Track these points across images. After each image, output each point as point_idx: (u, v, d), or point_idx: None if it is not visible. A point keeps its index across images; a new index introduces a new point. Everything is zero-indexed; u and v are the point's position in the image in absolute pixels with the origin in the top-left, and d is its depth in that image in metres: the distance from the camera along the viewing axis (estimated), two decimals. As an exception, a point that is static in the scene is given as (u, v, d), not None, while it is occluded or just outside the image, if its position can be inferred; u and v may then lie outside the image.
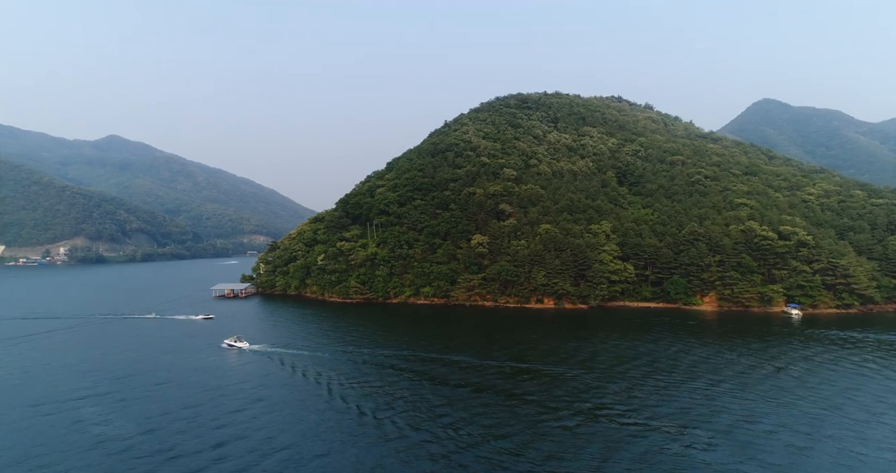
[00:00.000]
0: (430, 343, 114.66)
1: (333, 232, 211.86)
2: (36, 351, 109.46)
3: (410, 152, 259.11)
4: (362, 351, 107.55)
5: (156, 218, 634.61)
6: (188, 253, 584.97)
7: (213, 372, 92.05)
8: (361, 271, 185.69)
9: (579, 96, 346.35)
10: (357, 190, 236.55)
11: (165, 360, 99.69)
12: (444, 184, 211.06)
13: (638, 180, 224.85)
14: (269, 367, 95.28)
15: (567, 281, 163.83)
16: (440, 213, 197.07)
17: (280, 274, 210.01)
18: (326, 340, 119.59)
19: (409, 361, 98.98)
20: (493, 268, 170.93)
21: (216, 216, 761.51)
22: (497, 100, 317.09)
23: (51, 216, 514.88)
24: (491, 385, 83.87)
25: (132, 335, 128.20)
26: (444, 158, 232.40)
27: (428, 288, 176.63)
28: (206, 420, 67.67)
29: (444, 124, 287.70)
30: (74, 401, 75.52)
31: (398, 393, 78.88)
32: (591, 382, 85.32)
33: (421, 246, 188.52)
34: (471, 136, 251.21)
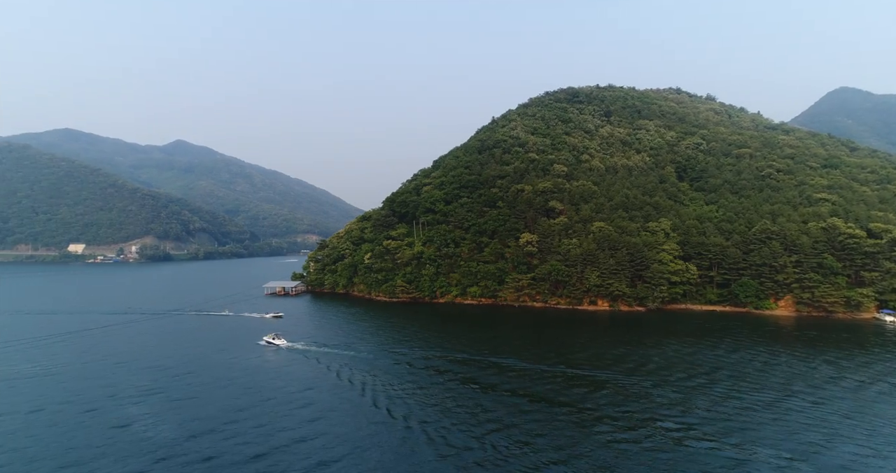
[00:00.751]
0: (478, 345, 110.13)
1: (380, 230, 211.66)
2: (100, 344, 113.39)
3: (457, 150, 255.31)
4: (408, 352, 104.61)
5: (216, 218, 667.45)
6: (246, 252, 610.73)
7: (261, 372, 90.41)
8: (407, 270, 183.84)
9: (634, 88, 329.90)
10: (404, 188, 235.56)
11: (218, 359, 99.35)
12: (492, 181, 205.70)
13: (700, 175, 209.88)
14: (312, 369, 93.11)
15: (623, 282, 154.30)
16: (487, 211, 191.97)
17: (329, 272, 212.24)
18: (372, 340, 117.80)
19: (457, 364, 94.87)
20: (542, 268, 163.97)
21: (272, 216, 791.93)
22: (546, 95, 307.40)
23: (124, 216, 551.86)
24: (547, 394, 77.99)
25: (196, 331, 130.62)
26: (491, 155, 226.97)
27: (475, 287, 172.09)
28: (248, 428, 64.14)
29: (490, 121, 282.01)
30: (124, 399, 75.03)
31: (446, 401, 74.07)
32: (660, 395, 77.68)
33: (467, 244, 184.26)
34: (519, 132, 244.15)
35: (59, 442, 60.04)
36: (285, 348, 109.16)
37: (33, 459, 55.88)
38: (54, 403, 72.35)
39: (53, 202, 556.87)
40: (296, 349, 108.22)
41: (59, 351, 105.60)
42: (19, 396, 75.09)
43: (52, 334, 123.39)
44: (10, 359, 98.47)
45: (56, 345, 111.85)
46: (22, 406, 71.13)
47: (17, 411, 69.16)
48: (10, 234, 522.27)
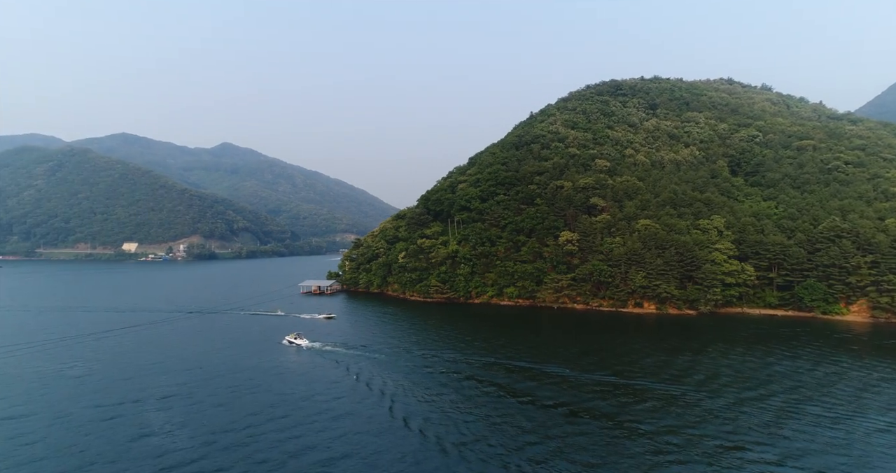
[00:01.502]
0: (515, 349, 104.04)
1: (414, 229, 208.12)
2: (140, 343, 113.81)
3: (493, 146, 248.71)
4: (441, 355, 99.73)
5: (259, 217, 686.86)
6: (287, 251, 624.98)
7: (287, 377, 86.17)
8: (442, 269, 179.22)
9: (682, 80, 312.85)
10: (439, 186, 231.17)
11: (249, 361, 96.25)
12: (529, 177, 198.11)
13: (756, 169, 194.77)
14: (338, 375, 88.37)
15: (671, 284, 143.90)
16: (525, 209, 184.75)
17: (363, 271, 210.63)
18: (404, 343, 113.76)
19: (493, 370, 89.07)
20: (584, 268, 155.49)
21: (312, 216, 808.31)
22: (587, 89, 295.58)
23: (173, 216, 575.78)
24: (590, 406, 71.18)
25: (238, 331, 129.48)
26: (529, 151, 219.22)
27: (512, 288, 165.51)
28: (267, 445, 57.74)
29: (529, 116, 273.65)
30: (148, 404, 72.09)
31: (480, 414, 68.06)
32: (718, 409, 69.57)
33: (504, 243, 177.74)
34: (558, 127, 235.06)
35: (72, 453, 56.19)
36: (306, 348, 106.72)
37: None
38: (81, 407, 70.31)
39: (110, 203, 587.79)
40: (318, 350, 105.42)
41: (101, 349, 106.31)
42: (51, 398, 74.05)
43: (97, 331, 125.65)
44: (56, 357, 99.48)
45: (99, 342, 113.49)
46: (50, 409, 69.44)
47: (44, 413, 67.39)
48: (72, 233, 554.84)
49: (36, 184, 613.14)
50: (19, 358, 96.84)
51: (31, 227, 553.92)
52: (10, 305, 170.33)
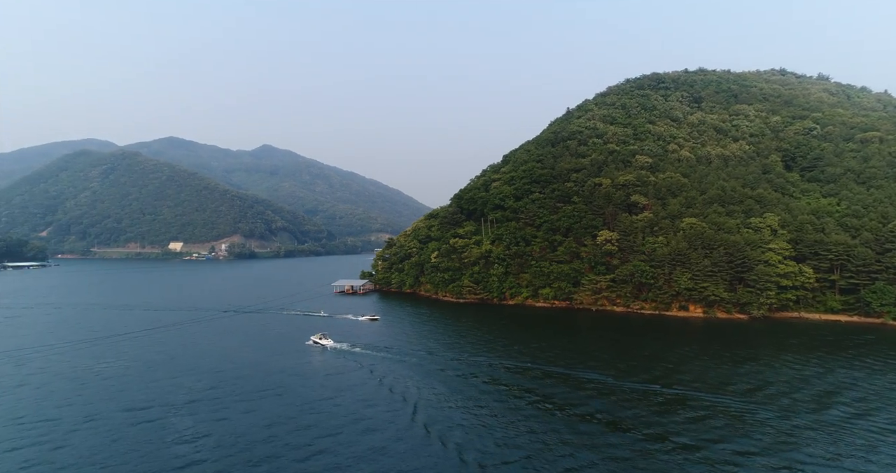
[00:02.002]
0: (552, 353, 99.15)
1: (447, 228, 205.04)
2: (176, 343, 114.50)
3: (528, 143, 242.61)
4: (474, 360, 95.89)
5: (297, 217, 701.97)
6: (323, 250, 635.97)
7: (313, 381, 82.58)
8: (475, 269, 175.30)
9: (729, 71, 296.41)
10: (472, 184, 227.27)
11: (278, 364, 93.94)
12: (566, 174, 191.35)
13: (814, 163, 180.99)
14: (364, 378, 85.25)
15: (720, 286, 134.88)
16: (561, 207, 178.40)
17: (395, 271, 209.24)
18: (434, 344, 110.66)
19: (528, 376, 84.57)
20: (624, 269, 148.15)
21: (347, 215, 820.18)
22: (627, 83, 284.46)
23: (215, 216, 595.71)
24: (631, 416, 66.11)
25: (272, 331, 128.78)
26: (565, 147, 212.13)
27: (548, 289, 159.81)
28: (287, 463, 53.38)
29: (565, 112, 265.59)
30: (175, 408, 69.88)
31: (515, 426, 63.56)
32: (781, 424, 62.84)
33: (539, 243, 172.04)
34: (596, 122, 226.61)
35: (95, 461, 54.28)
36: (330, 349, 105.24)
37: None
38: (111, 409, 69.04)
39: (157, 203, 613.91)
40: (343, 351, 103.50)
41: (139, 348, 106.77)
42: (85, 398, 73.52)
43: (137, 330, 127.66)
44: (96, 355, 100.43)
45: (138, 340, 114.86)
46: (82, 411, 68.37)
47: (75, 416, 66.53)
48: (123, 233, 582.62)
49: (91, 187, 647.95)
50: (64, 355, 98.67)
51: (86, 228, 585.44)
52: (61, 302, 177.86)
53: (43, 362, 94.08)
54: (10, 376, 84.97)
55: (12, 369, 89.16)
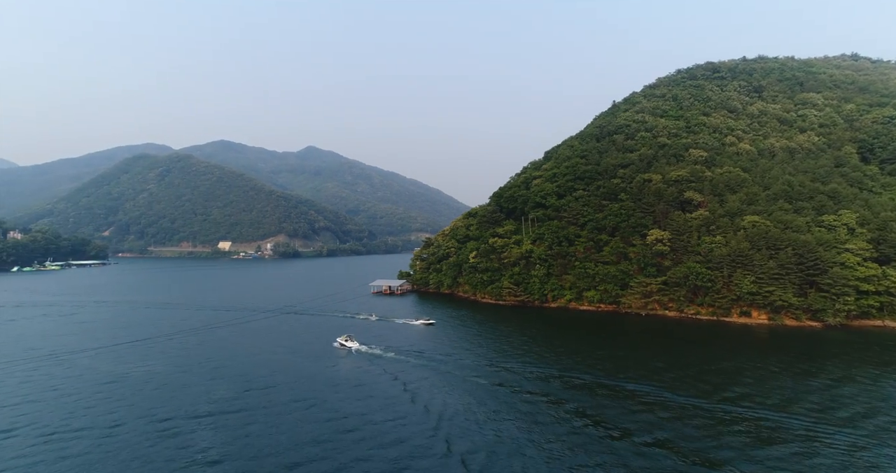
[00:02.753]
0: (599, 362, 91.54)
1: (486, 227, 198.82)
2: (208, 345, 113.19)
3: (571, 139, 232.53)
4: (513, 367, 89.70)
5: (339, 217, 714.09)
6: (364, 250, 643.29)
7: (343, 392, 76.61)
8: (515, 270, 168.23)
9: (793, 58, 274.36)
10: (512, 182, 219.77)
11: (308, 370, 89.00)
12: (612, 170, 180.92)
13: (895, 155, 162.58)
14: (392, 385, 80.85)
15: (788, 290, 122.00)
16: (607, 205, 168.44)
17: (433, 271, 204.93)
18: (471, 349, 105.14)
19: (571, 387, 77.64)
20: (677, 271, 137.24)
21: (388, 215, 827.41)
22: (678, 73, 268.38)
23: (261, 216, 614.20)
24: (687, 436, 58.24)
25: (311, 334, 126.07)
26: (611, 142, 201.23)
27: (592, 291, 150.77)
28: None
29: (611, 105, 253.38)
30: (199, 418, 66.34)
31: (555, 447, 57.20)
32: (865, 455, 53.38)
33: (583, 242, 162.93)
34: (645, 115, 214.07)
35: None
36: (356, 352, 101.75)
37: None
38: (135, 417, 66.24)
39: (208, 204, 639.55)
40: (370, 354, 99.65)
41: (173, 350, 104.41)
42: (110, 405, 70.97)
43: (176, 331, 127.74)
44: (132, 357, 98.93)
45: (173, 342, 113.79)
46: (106, 420, 65.82)
47: (98, 426, 63.95)
48: (177, 233, 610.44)
49: (148, 188, 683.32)
50: (101, 357, 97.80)
51: (143, 227, 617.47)
52: (113, 300, 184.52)
53: (80, 364, 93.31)
54: (48, 378, 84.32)
55: (52, 370, 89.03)
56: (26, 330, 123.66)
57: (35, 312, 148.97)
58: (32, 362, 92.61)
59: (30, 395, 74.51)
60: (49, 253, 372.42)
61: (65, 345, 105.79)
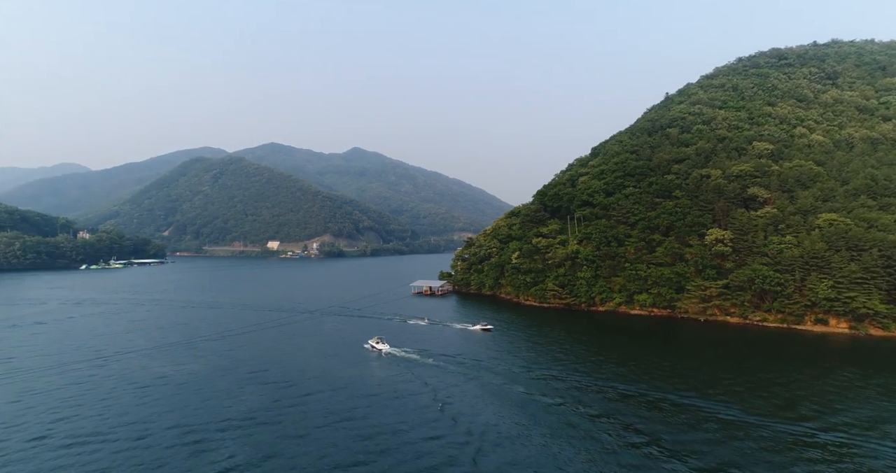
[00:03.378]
0: (658, 374, 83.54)
1: (529, 227, 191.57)
2: (249, 347, 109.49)
3: (621, 134, 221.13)
4: (558, 378, 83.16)
5: (382, 217, 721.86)
6: (407, 249, 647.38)
7: (379, 399, 72.55)
8: (560, 272, 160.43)
9: (873, 41, 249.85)
10: (557, 180, 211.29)
11: (344, 376, 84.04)
12: (665, 166, 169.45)
13: None
14: (423, 395, 75.90)
15: (873, 296, 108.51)
16: (660, 203, 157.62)
17: (475, 271, 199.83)
18: (515, 355, 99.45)
19: (623, 402, 70.53)
20: (741, 273, 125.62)
21: (431, 215, 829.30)
22: (739, 62, 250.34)
23: (308, 217, 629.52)
24: (771, 470, 50.37)
25: (356, 338, 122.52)
26: (664, 136, 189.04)
27: (644, 295, 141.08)
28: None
29: (664, 97, 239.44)
30: (230, 427, 62.40)
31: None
32: None
33: (634, 243, 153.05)
34: (702, 107, 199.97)
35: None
36: (385, 355, 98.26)
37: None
38: (165, 427, 62.67)
39: (258, 205, 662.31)
40: (400, 357, 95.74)
41: (211, 351, 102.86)
42: (142, 412, 68.02)
43: (223, 331, 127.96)
44: (169, 359, 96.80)
45: (214, 344, 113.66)
46: (134, 428, 62.84)
47: (125, 434, 61.29)
48: (229, 233, 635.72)
49: (204, 190, 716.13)
50: (144, 358, 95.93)
51: (199, 228, 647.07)
52: (162, 299, 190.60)
53: (123, 365, 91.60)
54: (89, 379, 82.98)
55: (96, 370, 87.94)
56: (81, 327, 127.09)
57: (93, 310, 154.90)
58: (79, 363, 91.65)
59: (71, 399, 73.04)
60: (113, 253, 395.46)
61: (112, 345, 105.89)
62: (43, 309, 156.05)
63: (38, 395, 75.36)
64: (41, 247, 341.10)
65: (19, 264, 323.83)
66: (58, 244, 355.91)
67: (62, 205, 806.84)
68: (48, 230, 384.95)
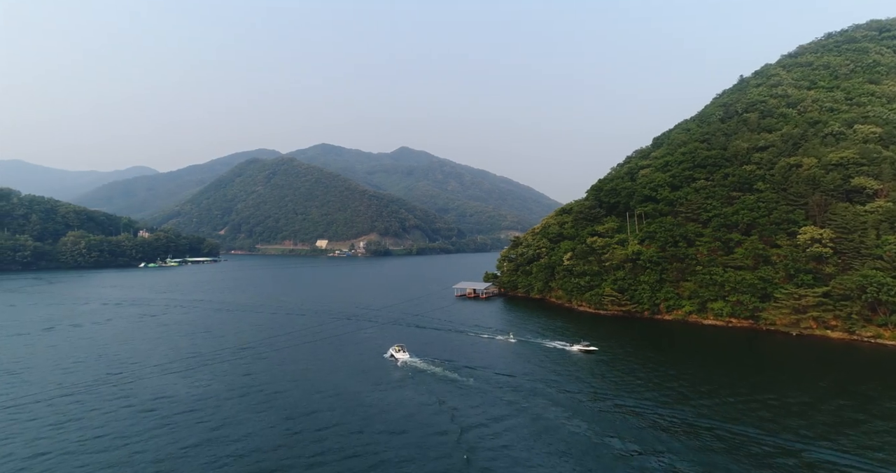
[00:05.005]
0: (759, 408, 66.63)
1: (583, 225, 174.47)
2: (272, 359, 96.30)
3: (687, 122, 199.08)
4: (624, 405, 68.39)
5: (428, 215, 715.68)
6: (453, 248, 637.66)
7: (396, 428, 61.15)
8: (619, 275, 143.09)
9: None
10: (613, 174, 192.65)
11: (370, 402, 73.78)
12: (744, 155, 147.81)
13: None
14: (439, 417, 64.54)
15: None
16: (738, 197, 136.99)
17: (522, 273, 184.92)
18: (568, 374, 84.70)
19: (728, 453, 54.02)
20: (846, 280, 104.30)
21: (477, 213, 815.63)
22: (829, 38, 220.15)
23: (355, 216, 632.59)
24: None
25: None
26: (742, 122, 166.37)
27: (721, 302, 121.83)
28: None
29: (738, 80, 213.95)
30: (244, 467, 51.38)
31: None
32: None
33: (707, 243, 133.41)
34: (786, 88, 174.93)
35: None
36: (402, 365, 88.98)
37: None
38: (176, 457, 53.50)
39: (307, 204, 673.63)
40: (423, 370, 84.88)
41: (242, 365, 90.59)
42: (162, 440, 58.10)
43: (253, 341, 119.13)
44: (197, 372, 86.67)
45: (236, 357, 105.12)
46: (154, 457, 53.70)
47: (145, 466, 51.86)
48: (280, 232, 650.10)
49: (257, 190, 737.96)
50: (153, 376, 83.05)
51: (252, 226, 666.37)
52: (204, 299, 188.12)
53: (136, 381, 79.82)
54: (92, 400, 71.21)
55: (105, 389, 76.37)
56: (109, 332, 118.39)
57: (131, 311, 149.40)
58: (85, 382, 79.03)
59: (50, 428, 61.38)
60: (169, 251, 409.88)
61: (131, 356, 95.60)
62: (85, 309, 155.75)
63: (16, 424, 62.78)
64: (104, 246, 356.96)
65: (84, 262, 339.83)
66: (119, 243, 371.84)
67: (133, 206, 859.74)
68: (112, 229, 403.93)
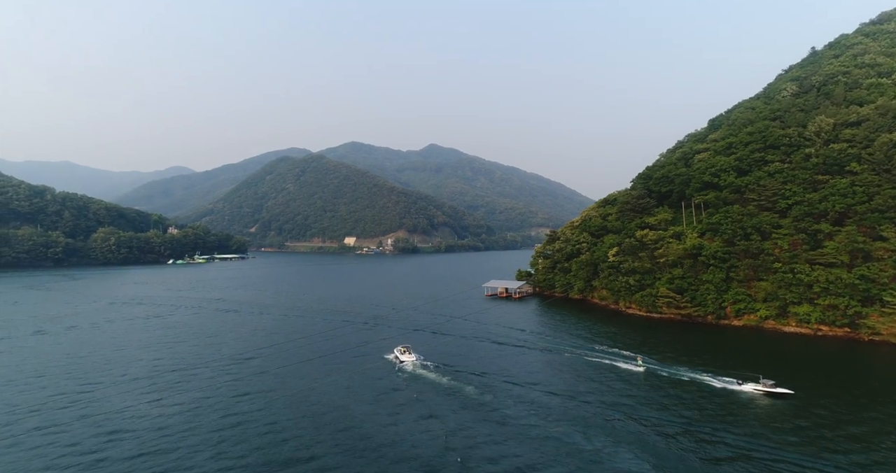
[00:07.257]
0: (863, 441, 48.31)
1: (630, 217, 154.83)
2: (279, 374, 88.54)
3: (750, 100, 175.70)
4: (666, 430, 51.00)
5: (457, 212, 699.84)
6: (482, 246, 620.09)
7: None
8: (675, 273, 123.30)
9: None
10: (664, 160, 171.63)
11: (384, 437, 61.93)
12: (831, 132, 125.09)
13: None
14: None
15: None
16: (825, 181, 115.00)
17: (560, 271, 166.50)
18: (600, 392, 66.93)
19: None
20: None
21: (507, 210, 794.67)
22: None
23: (383, 213, 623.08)
24: None
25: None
26: (823, 95, 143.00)
27: (807, 306, 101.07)
28: None
29: (809, 52, 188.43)
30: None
31: None
32: None
33: (787, 235, 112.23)
34: (875, 56, 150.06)
35: None
36: (410, 368, 77.37)
37: None
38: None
39: (335, 201, 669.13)
40: (430, 379, 71.28)
41: (226, 384, 73.34)
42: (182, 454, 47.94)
43: (245, 352, 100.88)
44: (183, 389, 78.84)
45: (232, 371, 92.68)
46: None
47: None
48: (309, 229, 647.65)
49: (287, 188, 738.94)
50: (133, 392, 68.96)
51: (282, 224, 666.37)
52: (217, 298, 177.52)
53: (97, 406, 65.23)
54: (31, 437, 63.28)
55: (59, 411, 65.26)
56: (106, 337, 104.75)
57: (137, 312, 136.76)
58: (53, 398, 65.91)
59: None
60: (198, 248, 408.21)
61: (118, 366, 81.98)
62: (90, 308, 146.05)
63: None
64: (133, 242, 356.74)
65: (114, 258, 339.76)
66: (148, 239, 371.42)
67: (171, 204, 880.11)
68: (143, 226, 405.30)
